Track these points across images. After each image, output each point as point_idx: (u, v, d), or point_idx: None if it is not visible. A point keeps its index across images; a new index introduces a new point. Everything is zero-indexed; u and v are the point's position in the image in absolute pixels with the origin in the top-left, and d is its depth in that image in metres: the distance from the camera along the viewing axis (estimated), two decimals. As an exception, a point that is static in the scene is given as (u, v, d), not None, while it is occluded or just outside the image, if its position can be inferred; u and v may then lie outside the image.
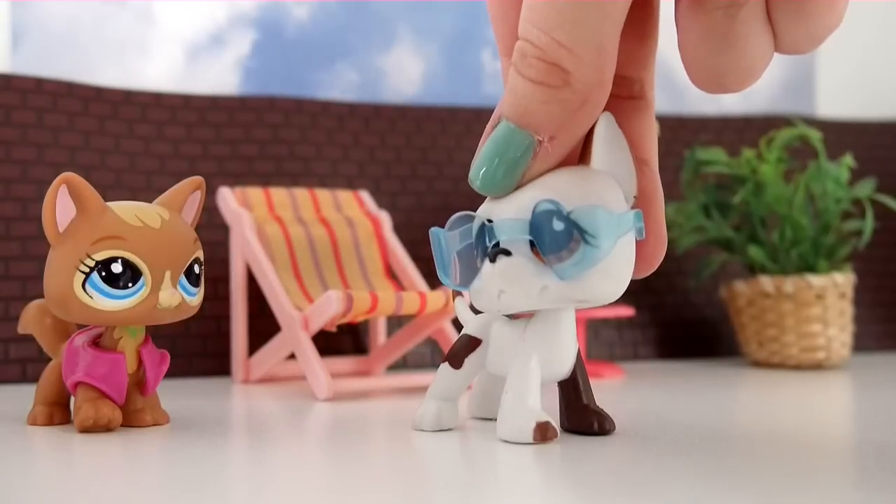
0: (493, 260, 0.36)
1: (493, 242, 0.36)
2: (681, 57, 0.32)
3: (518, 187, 0.35)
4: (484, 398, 0.45)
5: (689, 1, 0.31)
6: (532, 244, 0.35)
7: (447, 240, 0.38)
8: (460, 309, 0.48)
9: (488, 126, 0.34)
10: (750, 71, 0.31)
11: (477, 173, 0.35)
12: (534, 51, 0.31)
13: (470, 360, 0.42)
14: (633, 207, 0.37)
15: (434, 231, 0.39)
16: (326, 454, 0.38)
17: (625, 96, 0.37)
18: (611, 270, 0.35)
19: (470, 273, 0.37)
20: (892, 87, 1.05)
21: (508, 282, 0.36)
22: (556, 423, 0.39)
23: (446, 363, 0.42)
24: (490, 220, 0.36)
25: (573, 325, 0.40)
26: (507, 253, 0.36)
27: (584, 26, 0.31)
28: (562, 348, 0.39)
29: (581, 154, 0.37)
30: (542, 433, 0.37)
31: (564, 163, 0.36)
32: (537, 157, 0.34)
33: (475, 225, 0.37)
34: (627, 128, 0.37)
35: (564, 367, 0.40)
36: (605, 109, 0.35)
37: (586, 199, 0.35)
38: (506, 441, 0.38)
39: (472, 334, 0.42)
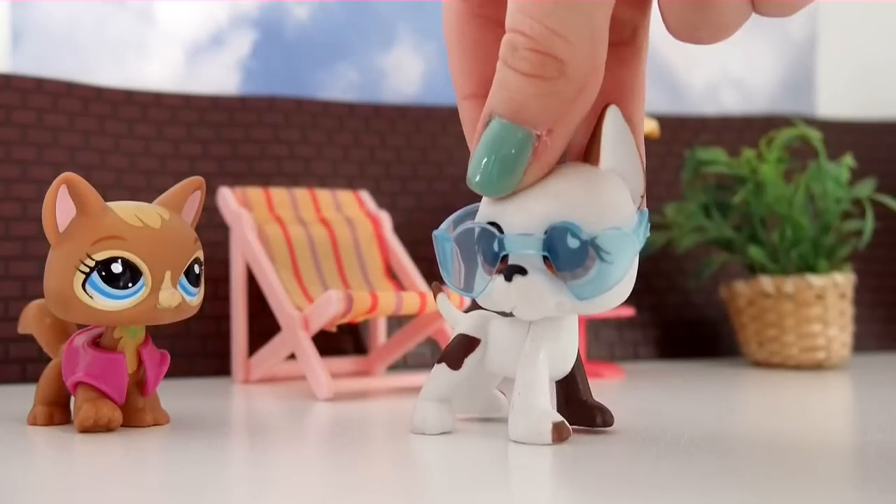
0: (508, 278, 0.36)
1: (503, 255, 0.36)
2: (659, 3, 0.31)
3: (520, 188, 0.35)
4: (467, 396, 0.44)
5: None
6: (546, 259, 0.35)
7: (449, 243, 0.38)
8: (444, 306, 0.47)
9: (479, 124, 0.34)
10: (725, 27, 0.31)
11: (475, 174, 0.34)
12: (525, 41, 0.30)
13: (469, 361, 0.41)
14: (639, 207, 0.37)
15: (437, 235, 0.39)
16: (326, 454, 0.38)
17: (613, 42, 0.34)
18: (623, 283, 0.36)
19: (474, 277, 0.37)
20: (892, 87, 1.05)
21: (524, 300, 0.36)
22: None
23: (443, 364, 0.41)
24: (495, 226, 0.36)
25: (576, 323, 0.40)
26: (523, 272, 0.35)
27: (578, 12, 0.30)
28: (566, 346, 0.40)
29: (587, 150, 0.36)
30: (559, 433, 0.38)
31: (570, 155, 0.36)
32: (537, 152, 0.33)
33: (477, 230, 0.36)
34: (611, 78, 0.34)
35: (567, 365, 0.40)
36: None
37: (600, 211, 0.35)
38: (521, 442, 0.38)
39: (470, 333, 0.41)
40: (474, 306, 0.41)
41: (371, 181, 0.80)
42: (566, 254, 0.34)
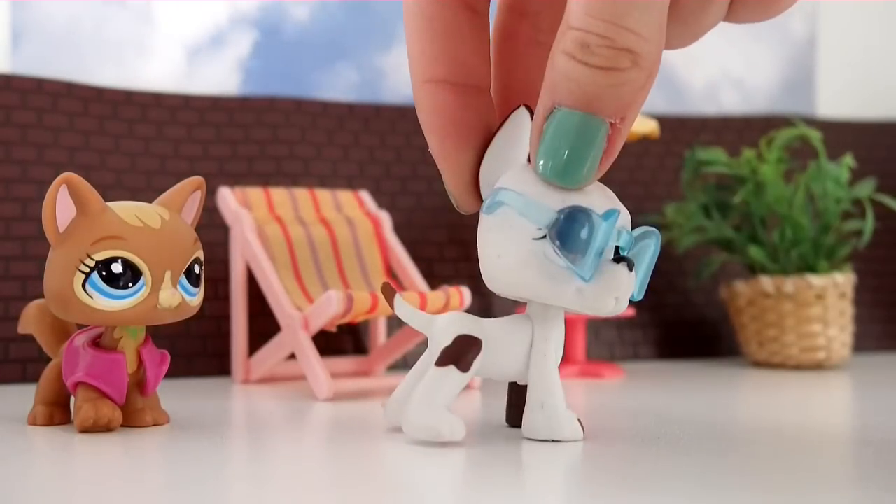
0: (630, 268, 0.36)
1: (615, 248, 0.37)
2: None
3: (596, 177, 0.35)
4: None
5: None
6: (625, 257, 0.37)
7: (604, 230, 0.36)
8: (404, 309, 0.43)
9: (538, 117, 0.34)
10: (698, 37, 0.33)
11: (554, 165, 0.34)
12: (599, 40, 0.31)
13: (476, 362, 0.39)
14: None
15: (597, 216, 0.36)
16: (326, 454, 0.38)
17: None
18: None
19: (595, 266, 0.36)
20: (892, 87, 1.05)
21: (626, 293, 0.37)
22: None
23: (451, 367, 0.39)
24: (590, 213, 0.36)
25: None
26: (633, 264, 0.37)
27: (652, 11, 0.31)
28: (563, 343, 0.40)
29: None
30: (583, 428, 0.39)
31: None
32: (611, 139, 0.33)
33: (570, 213, 0.36)
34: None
35: (557, 364, 0.40)
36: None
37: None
38: (555, 441, 0.39)
39: (470, 334, 0.39)
40: (477, 307, 0.41)
41: (371, 181, 0.80)
42: (643, 256, 0.38)
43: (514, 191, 0.36)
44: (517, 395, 0.41)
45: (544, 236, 0.36)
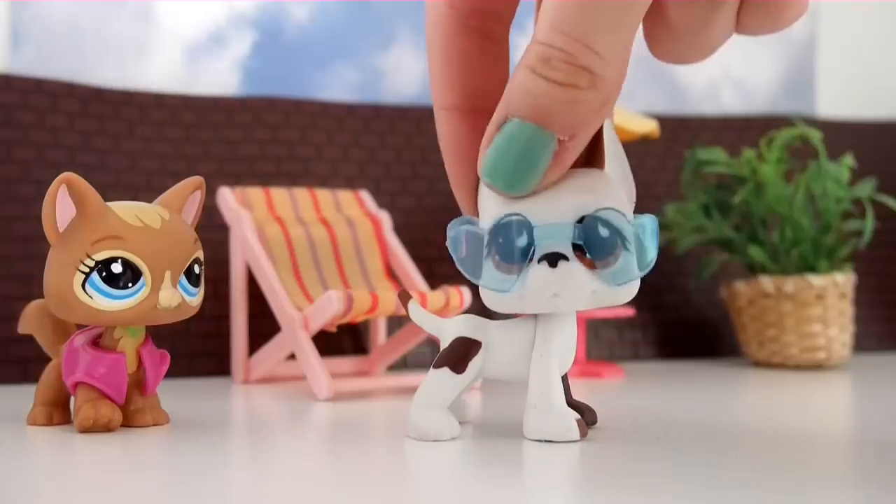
0: (553, 265, 0.36)
1: (528, 246, 0.36)
2: (645, 31, 0.33)
3: (538, 188, 0.35)
4: None
5: None
6: (579, 248, 0.36)
7: (474, 238, 0.38)
8: (418, 313, 0.45)
9: (492, 126, 0.34)
10: (710, 51, 0.33)
11: (496, 171, 0.35)
12: (561, 55, 0.31)
13: (472, 364, 0.40)
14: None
15: (460, 230, 0.39)
16: (326, 454, 0.38)
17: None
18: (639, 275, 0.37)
19: (478, 269, 0.38)
20: (892, 87, 1.05)
21: (567, 286, 0.36)
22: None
23: (445, 369, 0.40)
24: (521, 218, 0.36)
25: (575, 322, 0.40)
26: (566, 258, 0.36)
27: (616, 32, 0.31)
28: (570, 345, 0.40)
29: (588, 157, 0.38)
30: (583, 429, 0.39)
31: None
32: (558, 155, 0.34)
33: (494, 224, 0.37)
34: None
35: (569, 364, 0.40)
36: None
37: (620, 206, 0.36)
38: (548, 441, 0.39)
39: (469, 336, 0.41)
40: (477, 307, 0.42)
41: (371, 181, 0.80)
42: (600, 242, 0.36)
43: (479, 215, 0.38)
44: None
45: (487, 255, 0.37)
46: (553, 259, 0.36)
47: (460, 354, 0.40)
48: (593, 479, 0.32)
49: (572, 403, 0.41)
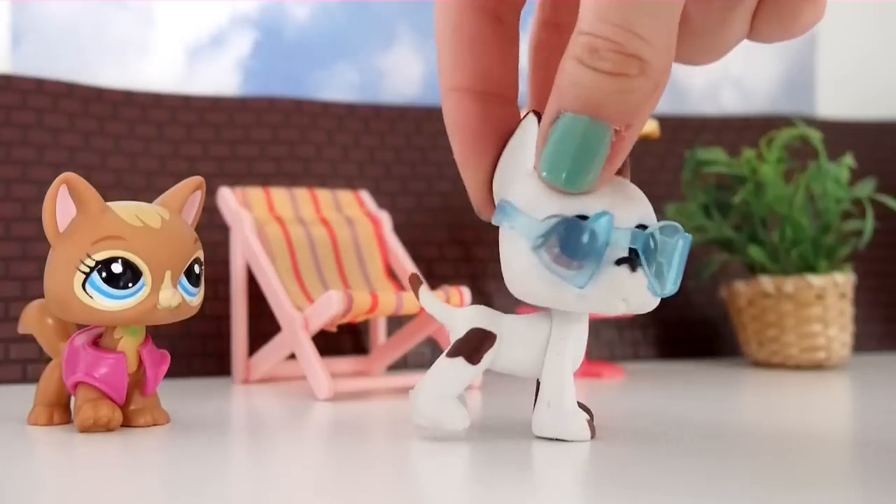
0: (633, 269, 0.36)
1: (628, 247, 0.36)
2: None
3: (599, 182, 0.35)
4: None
5: None
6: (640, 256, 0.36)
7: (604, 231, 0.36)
8: (430, 301, 0.43)
9: (545, 121, 0.34)
10: (720, 54, 0.33)
11: (556, 169, 0.34)
12: (608, 44, 0.31)
13: (487, 356, 0.40)
14: None
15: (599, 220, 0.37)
16: (326, 454, 0.38)
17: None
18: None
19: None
20: (892, 87, 1.05)
21: (636, 292, 0.37)
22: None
23: (459, 358, 0.40)
24: (607, 216, 0.36)
25: (587, 322, 0.40)
26: (641, 264, 0.36)
27: (661, 18, 0.31)
28: (582, 345, 0.40)
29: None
30: (593, 429, 0.39)
31: None
32: (616, 147, 0.33)
33: (606, 220, 0.36)
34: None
35: (579, 364, 0.40)
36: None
37: (654, 217, 0.37)
38: (560, 440, 0.39)
39: (485, 328, 0.40)
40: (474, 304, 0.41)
41: (371, 181, 0.80)
42: (659, 251, 0.37)
43: (510, 202, 0.37)
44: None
45: (540, 245, 0.36)
46: (634, 264, 0.36)
47: (476, 345, 0.40)
48: (593, 478, 0.32)
49: (580, 404, 0.41)
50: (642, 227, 0.37)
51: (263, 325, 0.68)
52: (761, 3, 0.32)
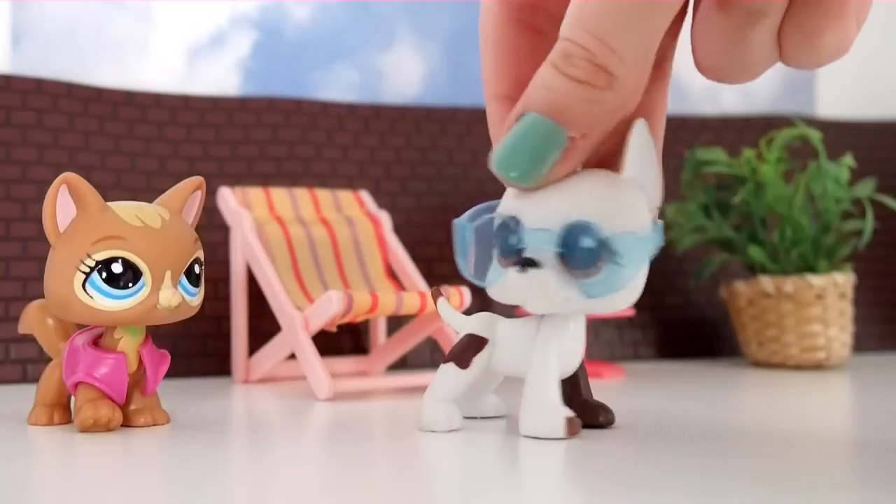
0: (522, 270, 0.37)
1: (519, 248, 0.37)
2: (692, 41, 0.33)
3: (544, 184, 0.36)
4: (468, 397, 0.44)
5: (714, 1, 0.32)
6: (561, 255, 0.36)
7: (470, 232, 0.39)
8: (446, 311, 0.47)
9: (510, 117, 0.34)
10: (751, 73, 0.33)
11: (504, 161, 0.35)
12: (582, 52, 0.31)
13: (478, 360, 0.41)
14: (653, 218, 0.38)
15: (458, 223, 0.40)
16: (326, 454, 0.38)
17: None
18: (631, 287, 0.37)
19: (487, 268, 0.39)
20: (893, 88, 1.05)
21: (535, 292, 0.37)
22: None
23: (451, 363, 0.42)
24: (515, 220, 0.37)
25: (583, 323, 0.40)
26: (536, 264, 0.36)
27: (638, 34, 0.31)
28: (573, 345, 0.40)
29: (610, 158, 0.38)
30: (572, 428, 0.39)
31: (600, 163, 0.37)
32: (567, 152, 0.34)
33: (498, 221, 0.38)
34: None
35: (574, 364, 0.41)
36: None
37: (617, 215, 0.36)
38: (533, 437, 0.39)
39: (477, 333, 0.42)
40: (477, 307, 0.42)
41: (371, 181, 0.80)
42: (580, 252, 0.36)
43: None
44: (565, 393, 0.42)
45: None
46: (522, 265, 0.37)
47: (466, 350, 0.42)
48: (593, 478, 0.32)
49: (594, 402, 0.42)
50: (577, 225, 0.36)
51: (263, 325, 0.68)
52: (784, 22, 0.32)
